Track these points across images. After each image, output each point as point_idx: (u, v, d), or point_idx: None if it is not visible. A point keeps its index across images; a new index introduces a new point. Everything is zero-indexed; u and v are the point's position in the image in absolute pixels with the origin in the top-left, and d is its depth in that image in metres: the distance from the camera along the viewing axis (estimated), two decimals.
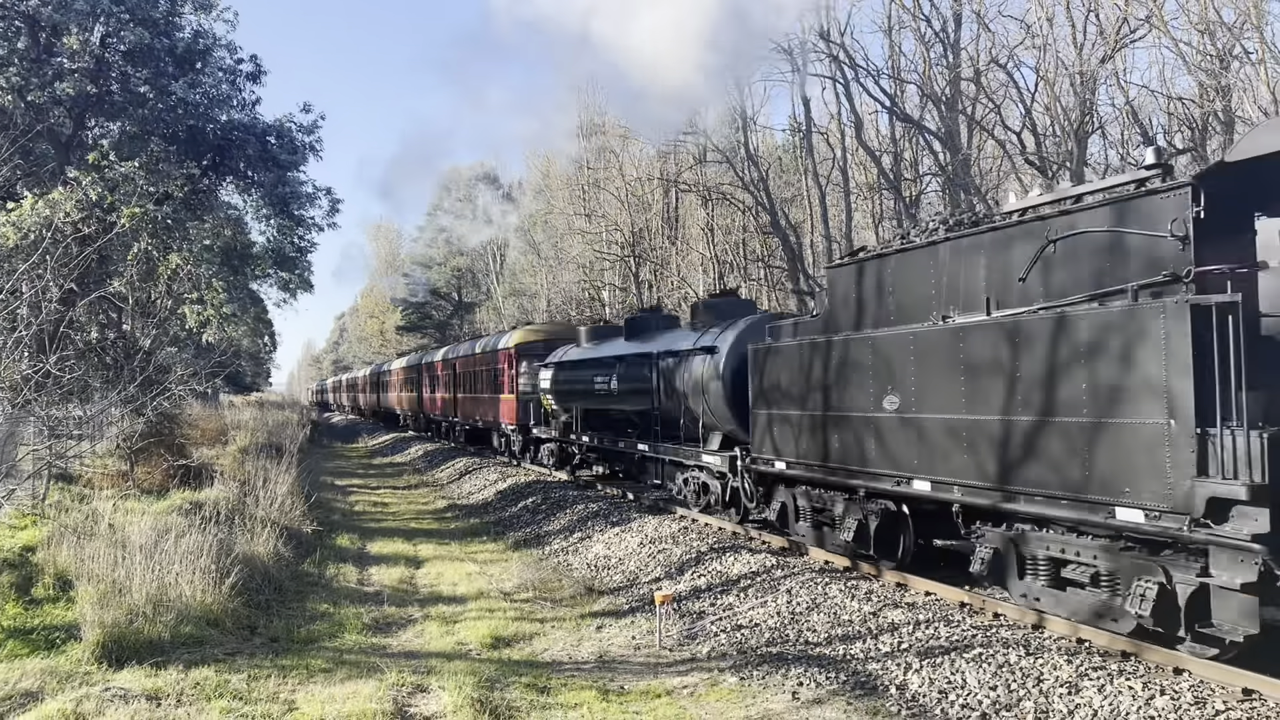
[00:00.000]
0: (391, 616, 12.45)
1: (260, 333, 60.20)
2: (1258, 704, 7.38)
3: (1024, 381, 9.26)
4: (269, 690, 8.73)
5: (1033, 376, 9.17)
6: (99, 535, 12.09)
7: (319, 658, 9.94)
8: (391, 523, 21.71)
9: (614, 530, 17.04)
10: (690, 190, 39.10)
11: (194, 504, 16.10)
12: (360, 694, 8.55)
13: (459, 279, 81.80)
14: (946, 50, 28.19)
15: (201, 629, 10.26)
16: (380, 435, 56.25)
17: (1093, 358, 8.51)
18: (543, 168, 57.93)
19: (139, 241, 19.70)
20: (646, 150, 43.64)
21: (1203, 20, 19.39)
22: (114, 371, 19.56)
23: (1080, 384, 8.65)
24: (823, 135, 34.48)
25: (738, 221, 38.64)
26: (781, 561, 13.18)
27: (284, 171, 22.64)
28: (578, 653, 10.66)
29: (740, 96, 36.23)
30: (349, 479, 32.03)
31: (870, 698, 8.45)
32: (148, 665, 9.06)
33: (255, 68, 22.96)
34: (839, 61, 29.38)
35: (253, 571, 12.65)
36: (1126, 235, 8.49)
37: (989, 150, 29.19)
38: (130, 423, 18.91)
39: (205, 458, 24.35)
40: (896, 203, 30.78)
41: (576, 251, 47.54)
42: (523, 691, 8.90)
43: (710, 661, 9.95)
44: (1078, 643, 9.14)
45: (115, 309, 23.54)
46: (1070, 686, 7.91)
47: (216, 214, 23.63)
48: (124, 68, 21.09)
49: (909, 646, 9.43)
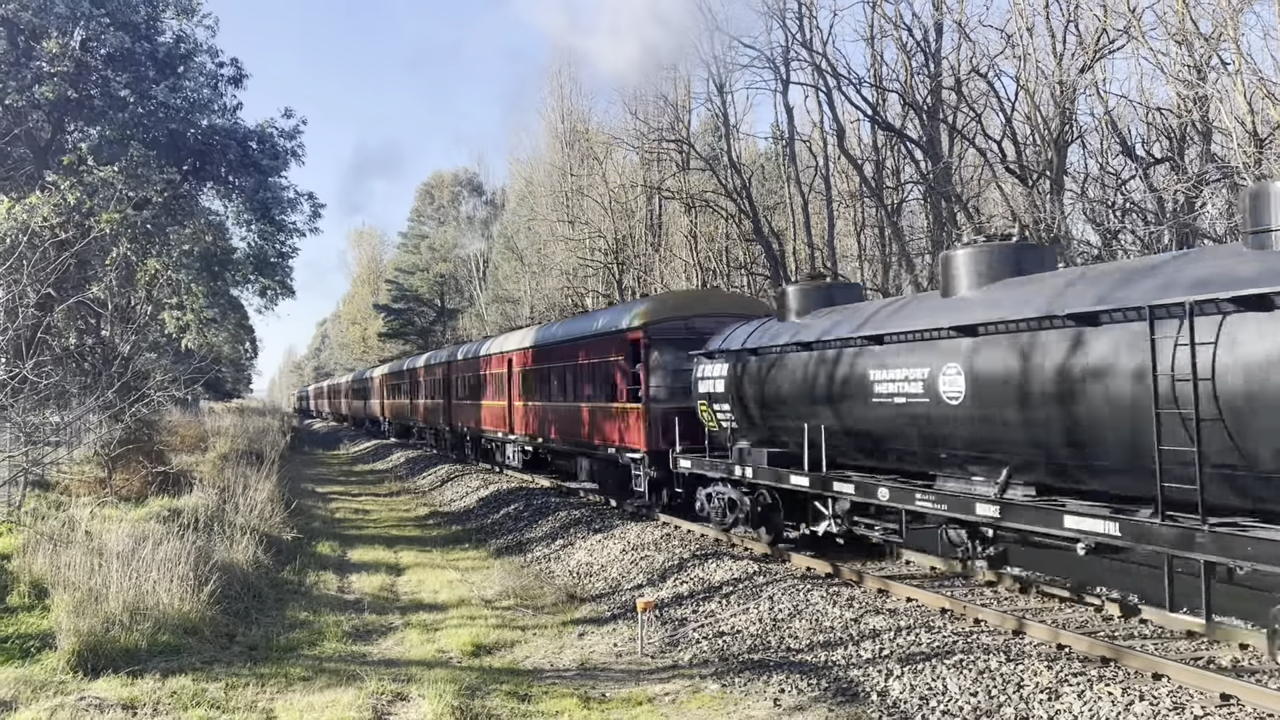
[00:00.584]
0: (372, 624, 12.37)
1: (241, 339, 59.89)
2: (1235, 709, 7.43)
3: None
4: (247, 699, 8.65)
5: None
6: (75, 543, 11.97)
7: (298, 666, 9.86)
8: (372, 530, 21.59)
9: (596, 537, 16.99)
10: (673, 197, 39.14)
11: (172, 511, 15.97)
12: (340, 702, 8.49)
13: (442, 285, 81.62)
14: (928, 59, 28.36)
15: (179, 637, 10.16)
16: (362, 442, 55.98)
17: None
18: (525, 174, 57.92)
19: (118, 246, 19.58)
20: (630, 157, 43.69)
21: (1180, 31, 19.58)
22: (92, 377, 19.41)
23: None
24: (805, 143, 34.62)
25: (721, 229, 38.71)
26: (764, 568, 13.18)
27: (265, 176, 22.55)
28: (559, 660, 10.62)
29: (723, 104, 36.35)
30: (330, 485, 31.84)
31: (852, 704, 8.45)
32: (124, 674, 8.97)
33: (237, 71, 22.91)
34: (821, 70, 29.53)
35: (231, 579, 12.54)
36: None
37: (970, 159, 29.35)
38: (108, 429, 18.75)
39: (184, 464, 24.14)
40: (878, 211, 30.92)
41: (560, 258, 47.50)
42: (503, 699, 8.86)
43: (692, 668, 9.93)
44: (1058, 648, 9.17)
45: (94, 314, 23.35)
46: (1050, 692, 7.93)
47: (197, 219, 23.48)
48: (104, 72, 20.96)
49: (890, 653, 9.44)
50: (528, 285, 52.82)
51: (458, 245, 74.16)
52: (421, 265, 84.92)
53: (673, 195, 38.90)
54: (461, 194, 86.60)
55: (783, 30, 30.48)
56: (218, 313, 25.79)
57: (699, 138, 42.46)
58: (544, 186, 51.70)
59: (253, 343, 65.59)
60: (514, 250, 57.00)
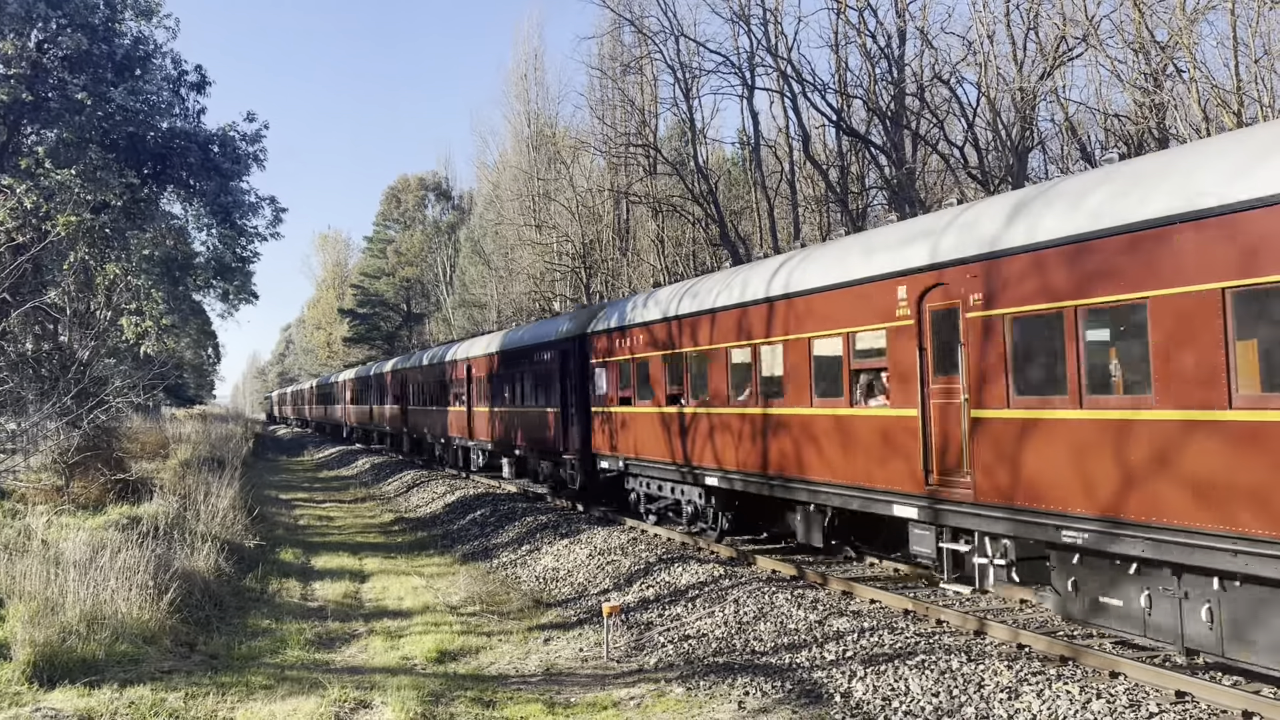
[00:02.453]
0: (335, 632, 12.26)
1: (203, 344, 59.12)
2: (1190, 706, 7.55)
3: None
4: (207, 708, 8.55)
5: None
6: (31, 552, 11.75)
7: (260, 674, 9.76)
8: (337, 536, 21.40)
9: (563, 542, 16.96)
10: (640, 202, 39.17)
11: (132, 519, 15.72)
12: (301, 710, 8.41)
13: (408, 289, 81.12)
14: (891, 66, 28.62)
15: (138, 646, 10.01)
16: (327, 448, 55.47)
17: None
18: (492, 178, 57.71)
19: (76, 251, 19.25)
20: (597, 161, 43.68)
21: (1137, 39, 19.93)
22: (49, 383, 19.07)
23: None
24: (771, 148, 34.78)
25: (688, 233, 38.78)
26: (729, 571, 13.22)
27: (226, 180, 22.26)
28: (524, 666, 10.59)
29: (689, 109, 36.43)
30: (294, 492, 31.52)
31: (815, 706, 8.50)
32: (81, 684, 8.83)
33: (200, 78, 22.58)
34: (786, 76, 29.68)
35: (192, 587, 12.38)
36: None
37: (933, 164, 29.65)
38: (66, 436, 18.44)
39: (145, 471, 23.80)
40: (843, 215, 31.13)
41: (528, 262, 47.37)
42: (467, 706, 8.82)
43: (658, 672, 9.94)
44: (1018, 648, 9.28)
45: (52, 320, 22.96)
46: (1010, 691, 8.03)
47: (157, 223, 23.13)
48: (61, 74, 20.60)
49: (854, 654, 9.50)
50: (495, 290, 52.61)
51: (424, 251, 73.79)
52: (387, 270, 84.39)
53: (640, 200, 38.94)
54: (428, 198, 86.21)
55: (748, 36, 30.62)
56: (178, 318, 25.42)
57: (666, 143, 42.53)
58: (510, 190, 51.56)
59: (215, 348, 64.60)
60: (481, 254, 56.75)
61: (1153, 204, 7.86)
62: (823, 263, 12.56)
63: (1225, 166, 7.49)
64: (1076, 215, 8.60)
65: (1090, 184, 8.82)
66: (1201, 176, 7.59)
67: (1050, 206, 9.01)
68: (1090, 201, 8.55)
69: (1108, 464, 8.18)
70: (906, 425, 10.61)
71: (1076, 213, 8.62)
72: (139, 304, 21.84)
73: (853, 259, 11.97)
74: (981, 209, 10.25)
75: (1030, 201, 9.44)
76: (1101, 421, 8.27)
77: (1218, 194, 7.31)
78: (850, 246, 12.54)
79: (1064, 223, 8.71)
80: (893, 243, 11.35)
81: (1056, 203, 8.97)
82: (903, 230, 11.63)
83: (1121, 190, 8.30)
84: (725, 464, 14.43)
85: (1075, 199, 8.75)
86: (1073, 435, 8.54)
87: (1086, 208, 8.54)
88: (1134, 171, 8.53)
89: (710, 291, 15.20)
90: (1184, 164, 7.99)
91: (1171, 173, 7.97)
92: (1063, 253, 8.62)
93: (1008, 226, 9.40)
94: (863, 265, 11.58)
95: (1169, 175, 7.97)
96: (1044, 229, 8.91)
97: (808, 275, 12.63)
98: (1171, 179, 7.88)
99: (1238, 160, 7.43)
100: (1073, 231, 8.56)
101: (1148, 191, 8.02)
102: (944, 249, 10.20)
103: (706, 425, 14.96)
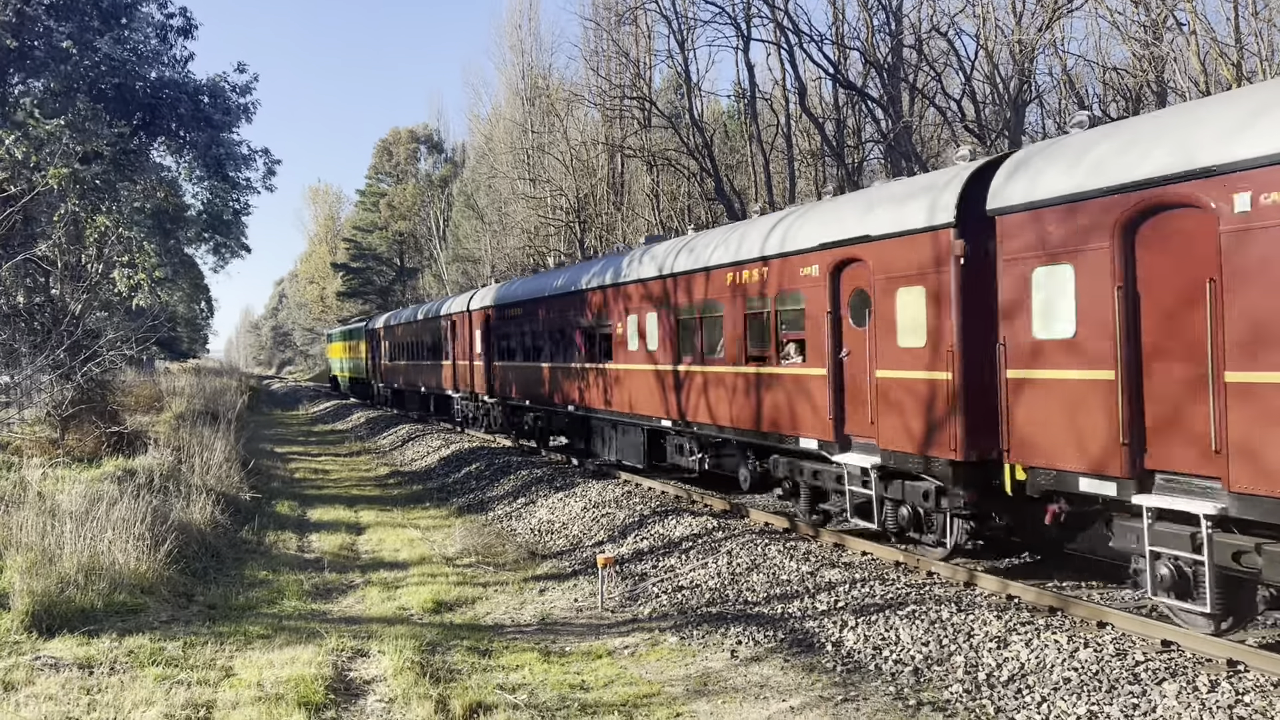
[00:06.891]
0: (332, 583, 12.37)
1: (196, 298, 58.93)
2: (1175, 655, 7.68)
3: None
4: (206, 657, 8.64)
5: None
6: (27, 504, 11.80)
7: (257, 624, 9.86)
8: (332, 489, 21.50)
9: (558, 495, 17.06)
10: (635, 155, 38.83)
11: (127, 471, 15.79)
12: (299, 659, 8.51)
13: (401, 244, 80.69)
14: (889, 17, 28.29)
15: (136, 597, 10.11)
16: (322, 402, 55.53)
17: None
18: (485, 131, 57.15)
19: (66, 203, 19.05)
20: (591, 114, 43.23)
21: None
22: (42, 337, 19.00)
23: None
24: (767, 101, 34.43)
25: (683, 187, 38.52)
26: (723, 524, 13.33)
27: (217, 132, 22.01)
28: (520, 616, 10.71)
29: (685, 61, 36.00)
30: (289, 446, 31.62)
31: (807, 654, 8.62)
32: (80, 634, 8.92)
33: (186, 22, 22.21)
34: (783, 27, 29.31)
35: (189, 539, 12.47)
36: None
37: (930, 118, 29.42)
38: (60, 389, 18.41)
39: (139, 425, 23.81)
40: (839, 169, 30.93)
41: (522, 216, 47.07)
42: (464, 655, 8.93)
43: (651, 622, 10.06)
44: (1007, 599, 9.40)
45: (43, 272, 22.80)
46: (999, 641, 8.15)
47: (148, 175, 22.90)
48: (46, 22, 20.25)
49: (845, 605, 9.62)
50: (488, 244, 52.31)
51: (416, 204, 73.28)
52: (379, 223, 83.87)
53: (634, 153, 38.60)
54: (420, 151, 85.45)
55: None
56: (170, 271, 25.24)
57: (661, 95, 42.10)
58: (504, 143, 51.08)
59: (208, 302, 64.39)
60: (474, 208, 56.35)
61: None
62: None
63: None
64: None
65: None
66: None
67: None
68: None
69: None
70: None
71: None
72: (131, 256, 21.69)
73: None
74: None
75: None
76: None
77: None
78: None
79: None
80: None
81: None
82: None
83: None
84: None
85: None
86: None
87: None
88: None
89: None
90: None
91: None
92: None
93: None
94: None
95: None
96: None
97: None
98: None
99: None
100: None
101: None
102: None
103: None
